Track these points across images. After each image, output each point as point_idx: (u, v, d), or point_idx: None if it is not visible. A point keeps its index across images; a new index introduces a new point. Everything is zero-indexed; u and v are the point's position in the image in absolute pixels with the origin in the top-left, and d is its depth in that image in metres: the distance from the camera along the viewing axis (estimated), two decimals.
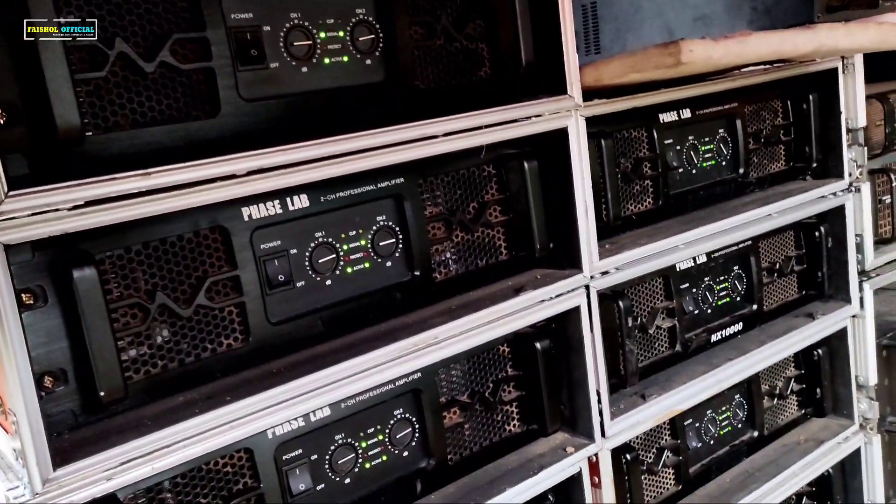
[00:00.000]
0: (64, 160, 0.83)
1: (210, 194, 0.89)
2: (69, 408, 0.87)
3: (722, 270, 1.58)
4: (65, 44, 0.80)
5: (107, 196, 0.80)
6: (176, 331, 0.95)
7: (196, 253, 0.96)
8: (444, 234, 1.19)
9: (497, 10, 1.20)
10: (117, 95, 0.88)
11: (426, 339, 1.08)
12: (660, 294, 1.48)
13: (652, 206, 1.49)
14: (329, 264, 1.07)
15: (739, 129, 1.60)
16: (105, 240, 0.88)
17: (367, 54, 1.08)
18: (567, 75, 1.20)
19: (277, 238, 1.02)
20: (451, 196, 1.20)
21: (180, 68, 0.91)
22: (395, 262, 1.14)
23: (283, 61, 1.00)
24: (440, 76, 1.16)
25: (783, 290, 1.73)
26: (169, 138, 0.91)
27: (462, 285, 1.22)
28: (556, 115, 1.20)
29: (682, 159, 1.52)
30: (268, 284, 1.01)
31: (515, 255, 1.28)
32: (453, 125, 1.09)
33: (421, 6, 1.14)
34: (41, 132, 0.81)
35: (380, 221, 1.12)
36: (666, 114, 1.48)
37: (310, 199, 1.04)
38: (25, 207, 0.75)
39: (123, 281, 0.91)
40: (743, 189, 1.65)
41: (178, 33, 0.91)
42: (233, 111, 0.95)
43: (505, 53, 1.21)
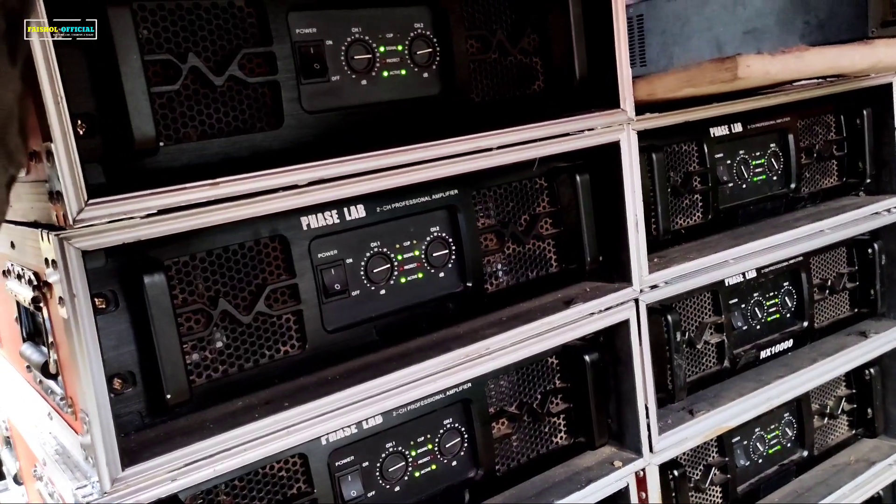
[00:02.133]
0: (138, 170, 0.86)
1: (272, 204, 0.91)
2: (136, 409, 0.90)
3: (772, 286, 1.56)
4: (142, 58, 0.83)
5: (178, 205, 0.83)
6: (236, 336, 0.98)
7: (256, 261, 0.99)
8: (496, 245, 1.21)
9: (551, 25, 1.21)
10: (188, 108, 0.91)
11: (477, 349, 1.09)
12: (708, 309, 1.47)
13: (701, 221, 1.49)
14: (384, 274, 1.09)
15: (791, 143, 1.58)
16: (172, 247, 0.91)
17: (425, 68, 1.10)
18: (620, 89, 1.20)
19: (334, 248, 1.04)
20: (503, 208, 1.22)
21: (247, 81, 0.94)
22: (447, 273, 1.15)
23: (344, 74, 1.03)
24: (495, 89, 1.18)
25: (835, 308, 1.71)
26: (234, 149, 0.94)
27: (513, 297, 1.23)
28: (608, 128, 1.20)
29: (732, 174, 1.51)
30: (324, 293, 1.03)
31: (566, 267, 1.28)
32: (507, 138, 1.10)
33: (477, 21, 1.16)
34: (117, 143, 0.84)
35: (433, 232, 1.13)
36: (717, 127, 1.47)
37: (366, 210, 1.06)
38: (103, 216, 0.79)
39: (188, 287, 0.94)
40: (794, 204, 1.63)
41: (247, 48, 0.94)
42: (295, 123, 0.98)
43: (558, 67, 1.22)
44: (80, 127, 0.82)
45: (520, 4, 1.20)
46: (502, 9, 1.18)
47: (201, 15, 0.91)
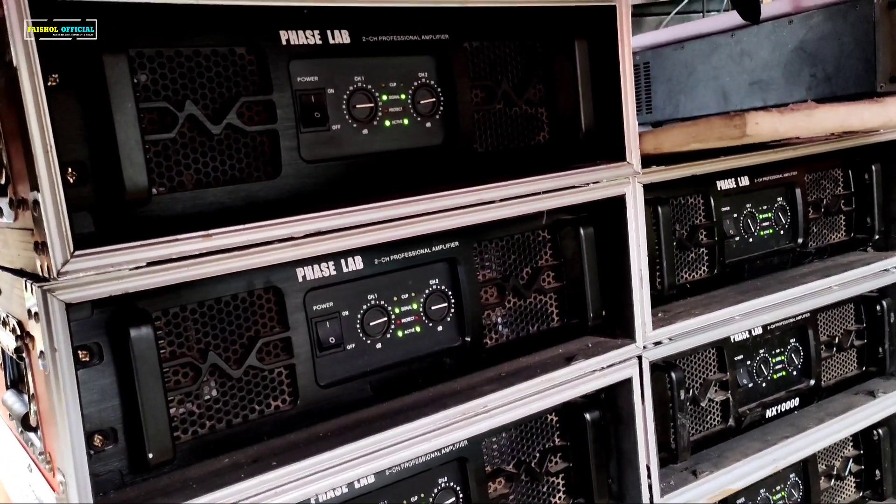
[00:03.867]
0: (129, 219, 0.84)
1: (268, 256, 0.89)
2: (117, 467, 0.86)
3: (778, 343, 1.52)
4: (138, 106, 0.81)
5: (168, 257, 0.81)
6: (225, 391, 0.94)
7: (249, 313, 0.96)
8: (497, 299, 1.17)
9: (557, 76, 1.19)
10: (184, 156, 0.89)
11: (474, 407, 1.06)
12: (713, 365, 1.43)
13: (707, 275, 1.46)
14: (380, 327, 1.06)
15: (799, 197, 1.56)
16: (162, 298, 0.88)
17: (428, 117, 1.08)
18: (626, 142, 1.18)
19: (330, 300, 1.01)
20: (505, 260, 1.19)
21: (245, 130, 0.92)
22: (446, 327, 1.12)
23: (345, 123, 1.01)
24: (499, 140, 1.16)
25: (842, 366, 1.67)
26: (230, 198, 0.91)
27: (513, 351, 1.20)
28: (613, 181, 1.18)
29: (739, 227, 1.49)
30: (318, 346, 1.00)
31: (567, 322, 1.25)
32: (510, 191, 1.08)
33: (482, 70, 1.14)
34: (109, 191, 0.82)
35: (433, 285, 1.10)
36: (724, 181, 1.45)
37: (364, 262, 1.03)
38: (90, 267, 0.76)
39: (177, 339, 0.91)
40: (802, 259, 1.60)
41: (246, 96, 0.92)
42: (293, 172, 0.96)
43: (564, 118, 1.20)
44: (70, 175, 0.79)
45: (526, 54, 1.18)
46: (508, 59, 1.17)
47: (200, 62, 0.89)
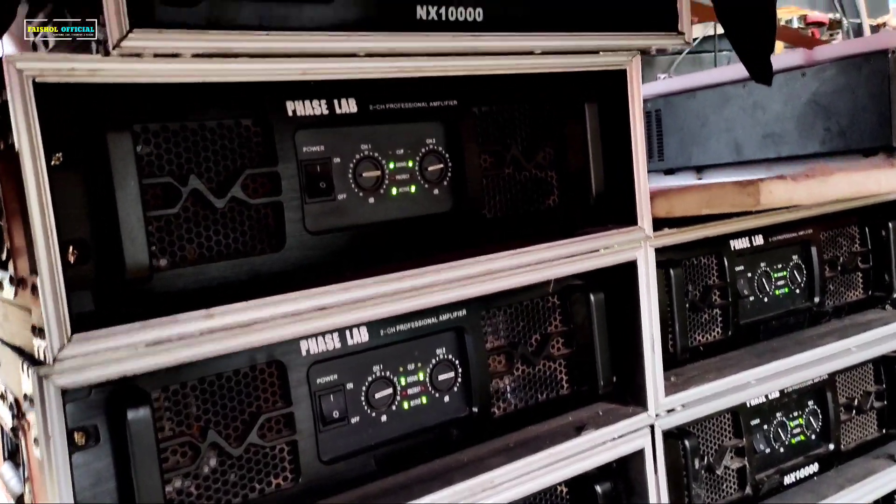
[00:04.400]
0: (130, 296, 0.82)
1: (271, 332, 0.87)
2: None
3: (796, 406, 1.48)
4: (141, 182, 0.80)
5: (169, 338, 0.79)
6: (225, 470, 0.92)
7: (251, 388, 0.93)
8: (505, 367, 1.15)
9: (568, 139, 1.18)
10: (186, 230, 0.87)
11: (482, 483, 1.02)
12: (728, 431, 1.39)
13: (721, 336, 1.42)
14: (386, 399, 1.03)
15: (815, 256, 1.53)
16: (161, 376, 0.86)
17: (435, 184, 1.07)
18: (638, 207, 1.17)
19: (334, 372, 0.99)
20: (513, 328, 1.16)
21: (249, 203, 0.91)
22: (452, 397, 1.09)
23: (351, 192, 1.00)
24: (508, 205, 1.14)
25: (861, 428, 1.62)
26: (233, 272, 0.90)
27: (521, 420, 1.16)
28: (625, 246, 1.16)
29: (753, 287, 1.46)
30: (322, 421, 0.97)
31: (577, 389, 1.22)
32: (519, 260, 1.06)
33: (491, 135, 1.13)
34: (109, 269, 0.80)
35: (439, 354, 1.08)
36: (737, 240, 1.42)
37: (370, 333, 1.01)
38: (88, 352, 0.74)
39: (176, 417, 0.88)
40: (818, 318, 1.57)
41: (251, 169, 0.91)
42: (298, 244, 0.94)
43: (574, 182, 1.18)
44: (71, 254, 0.78)
45: (536, 118, 1.17)
46: (518, 123, 1.16)
47: (206, 135, 0.89)
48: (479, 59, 1.01)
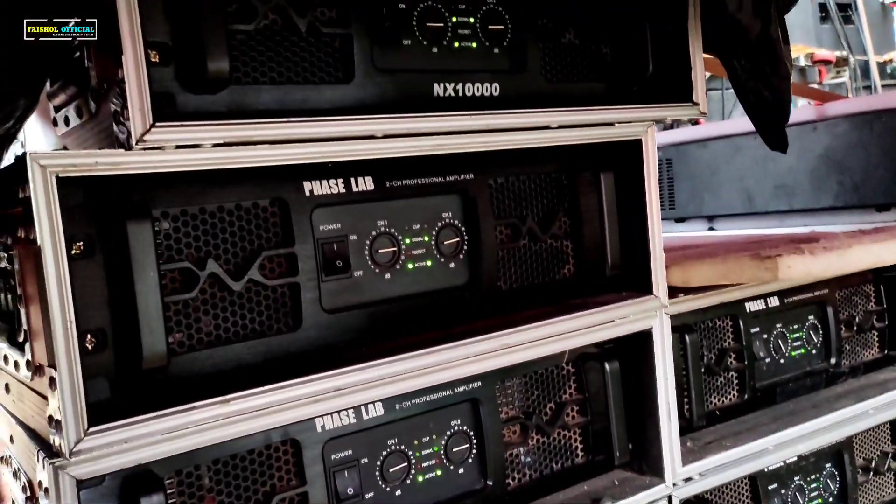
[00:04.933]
0: (146, 383, 0.82)
1: (288, 414, 0.86)
2: None
3: (814, 469, 1.46)
4: (159, 269, 0.80)
5: (185, 426, 0.78)
6: None
7: (265, 467, 0.93)
8: (520, 437, 1.14)
9: (583, 209, 1.18)
10: (203, 313, 0.87)
11: None
12: (746, 497, 1.37)
13: (737, 400, 1.41)
14: (400, 473, 1.02)
15: (831, 316, 1.52)
16: (176, 461, 0.85)
17: (451, 258, 1.07)
18: (654, 276, 1.16)
19: (349, 448, 0.98)
20: (528, 397, 1.15)
21: (266, 284, 0.91)
22: (467, 469, 1.08)
23: (367, 269, 1.00)
24: (524, 276, 1.14)
25: (879, 489, 1.59)
26: (250, 354, 0.90)
27: (536, 491, 1.15)
28: (640, 315, 1.15)
29: (769, 349, 1.44)
30: (336, 499, 0.96)
31: (592, 458, 1.21)
32: (534, 333, 1.05)
33: (507, 207, 1.13)
34: (127, 356, 0.80)
35: (454, 426, 1.07)
36: (752, 302, 1.41)
37: (385, 408, 1.00)
38: (104, 444, 0.74)
39: (190, 500, 0.88)
40: (835, 379, 1.55)
41: (268, 250, 0.91)
42: (314, 324, 0.94)
43: (590, 252, 1.18)
44: (89, 342, 0.78)
45: (551, 188, 1.17)
46: (533, 193, 1.16)
47: (224, 217, 0.89)
48: (496, 135, 1.02)
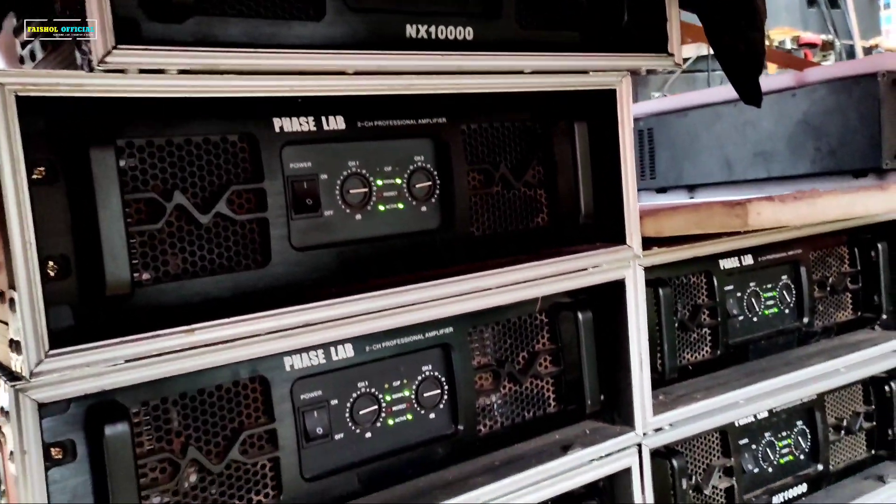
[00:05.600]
0: (111, 311, 0.81)
1: (254, 348, 0.86)
2: None
3: (785, 426, 1.48)
4: (123, 198, 0.80)
5: (148, 354, 0.78)
6: (205, 486, 0.91)
7: (233, 404, 0.93)
8: (492, 385, 1.14)
9: (557, 158, 1.18)
10: (170, 246, 0.87)
11: (466, 502, 1.01)
12: (717, 450, 1.39)
13: (710, 356, 1.42)
14: (370, 416, 1.02)
15: (804, 276, 1.53)
16: (141, 391, 0.85)
17: (423, 201, 1.07)
18: (627, 226, 1.17)
19: (318, 388, 0.98)
20: (500, 345, 1.16)
21: (234, 219, 0.90)
22: (438, 415, 1.09)
23: (338, 209, 0.99)
24: (497, 223, 1.14)
25: (851, 449, 1.61)
26: (217, 289, 0.89)
27: (507, 439, 1.16)
28: (614, 265, 1.16)
29: (742, 307, 1.46)
30: (305, 437, 0.97)
31: (564, 408, 1.21)
32: (507, 277, 1.05)
33: (480, 153, 1.13)
34: (90, 284, 0.80)
35: (425, 372, 1.07)
36: (727, 260, 1.42)
37: (354, 350, 1.00)
38: (65, 367, 0.74)
39: (156, 433, 0.88)
40: (807, 339, 1.56)
41: (237, 185, 0.90)
42: (283, 261, 0.94)
43: (563, 201, 1.18)
44: (51, 269, 0.78)
45: (525, 136, 1.17)
46: (507, 141, 1.16)
47: (191, 150, 0.88)
48: (469, 77, 1.02)
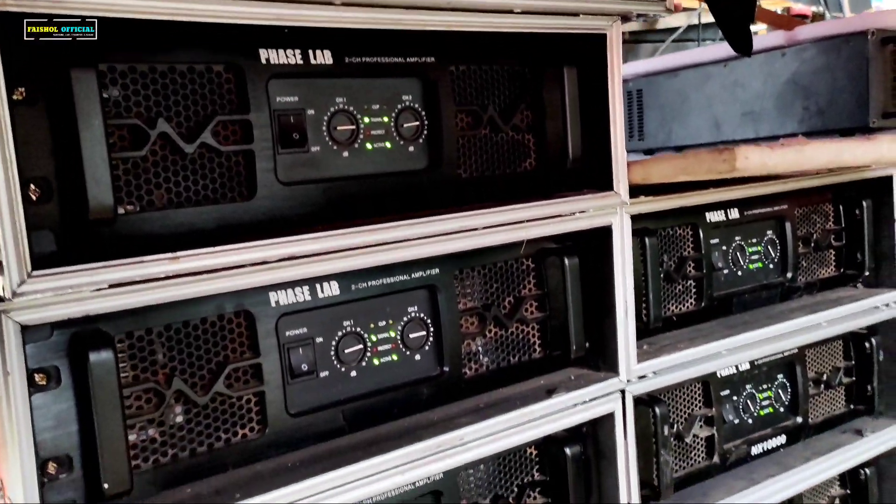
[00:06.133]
0: (93, 238, 0.81)
1: (239, 280, 0.86)
2: (71, 497, 0.82)
3: (766, 378, 1.50)
4: (106, 122, 0.79)
5: (132, 279, 0.78)
6: (190, 418, 0.91)
7: (218, 337, 0.92)
8: (478, 328, 1.15)
9: (546, 102, 1.17)
10: (154, 175, 0.86)
11: (451, 440, 1.02)
12: (698, 400, 1.41)
13: (694, 308, 1.43)
14: (355, 355, 1.03)
15: (789, 231, 1.54)
16: (125, 320, 0.85)
17: (411, 141, 1.06)
18: (614, 172, 1.17)
19: (304, 325, 0.98)
20: (486, 289, 1.16)
21: (220, 150, 0.89)
22: (423, 356, 1.09)
23: (325, 145, 0.98)
24: (484, 166, 1.14)
25: (830, 403, 1.64)
26: (202, 220, 0.88)
27: (492, 382, 1.16)
28: (601, 211, 1.16)
29: (727, 260, 1.47)
30: (290, 374, 0.97)
31: (549, 353, 1.22)
32: (494, 218, 1.05)
33: (468, 94, 1.12)
34: (73, 210, 0.79)
35: (411, 313, 1.07)
36: (713, 213, 1.43)
37: (340, 287, 1.00)
38: (48, 288, 0.73)
39: (141, 364, 0.87)
40: (790, 294, 1.58)
41: (222, 115, 0.89)
42: (269, 194, 0.93)
43: (551, 146, 1.18)
44: (33, 192, 0.77)
45: (514, 80, 1.16)
46: (496, 83, 1.15)
47: (175, 79, 0.87)
48: (458, 14, 1.00)
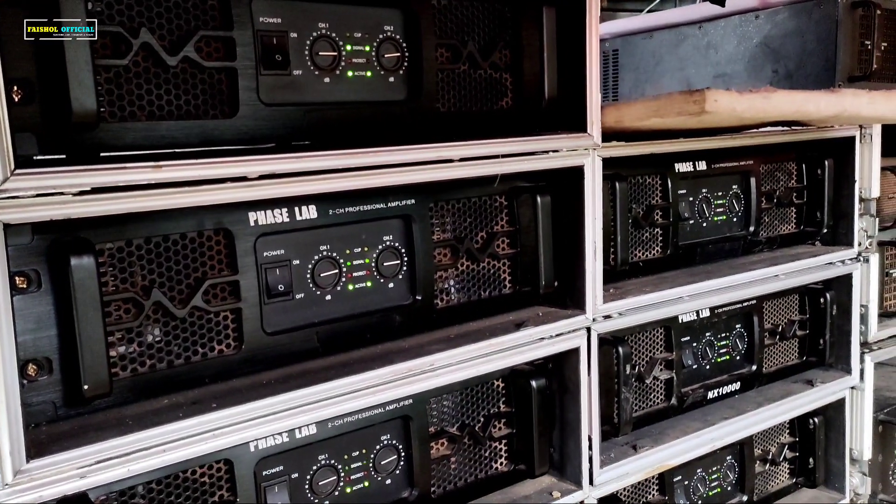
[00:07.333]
0: (76, 144, 0.81)
1: (219, 194, 0.87)
2: (50, 399, 0.84)
3: (724, 327, 1.56)
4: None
5: (114, 185, 0.79)
6: (168, 331, 0.93)
7: (197, 253, 0.94)
8: (450, 260, 1.18)
9: (524, 42, 1.19)
10: (136, 86, 0.87)
11: (421, 365, 1.06)
12: (660, 344, 1.46)
13: (660, 255, 1.48)
14: (331, 279, 1.05)
15: (753, 186, 1.59)
16: (107, 230, 0.86)
17: (391, 72, 1.07)
18: (588, 114, 1.19)
19: (281, 247, 1.00)
20: (460, 223, 1.19)
21: (203, 65, 0.90)
22: (397, 284, 1.12)
23: (307, 69, 0.99)
24: (462, 101, 1.16)
25: (784, 354, 1.71)
26: (184, 134, 0.89)
27: (463, 315, 1.20)
28: (573, 152, 1.19)
29: (693, 211, 1.51)
30: (267, 293, 0.99)
31: (519, 289, 1.26)
32: (470, 151, 1.08)
33: (449, 29, 1.13)
34: (55, 113, 0.79)
35: (386, 241, 1.10)
36: (682, 164, 1.47)
37: (318, 211, 1.02)
38: (30, 187, 0.74)
39: (121, 274, 0.89)
40: (752, 247, 1.64)
41: (205, 30, 0.90)
42: (251, 113, 0.94)
43: (528, 85, 1.20)
44: (15, 93, 0.77)
45: (494, 18, 1.18)
46: (476, 20, 1.16)
47: None
48: None
